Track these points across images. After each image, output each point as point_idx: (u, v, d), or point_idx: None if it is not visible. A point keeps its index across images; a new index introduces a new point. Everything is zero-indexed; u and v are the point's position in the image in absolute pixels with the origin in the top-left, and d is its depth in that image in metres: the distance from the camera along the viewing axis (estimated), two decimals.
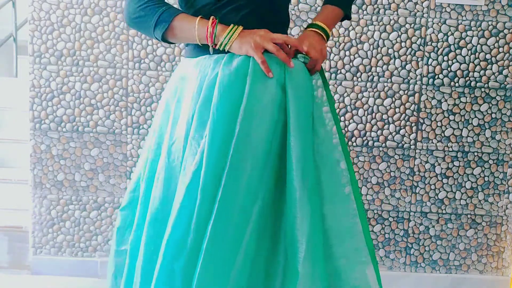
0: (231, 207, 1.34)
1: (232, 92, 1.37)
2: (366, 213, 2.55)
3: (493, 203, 2.55)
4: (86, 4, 2.46)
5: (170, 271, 1.36)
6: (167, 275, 1.36)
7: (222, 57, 1.41)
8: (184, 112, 1.43)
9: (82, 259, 2.61)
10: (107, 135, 2.53)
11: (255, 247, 1.38)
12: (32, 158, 2.55)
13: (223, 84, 1.38)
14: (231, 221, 1.34)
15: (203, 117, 1.38)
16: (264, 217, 1.38)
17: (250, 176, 1.35)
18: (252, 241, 1.37)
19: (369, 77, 2.48)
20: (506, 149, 2.52)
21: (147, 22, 1.44)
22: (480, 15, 2.43)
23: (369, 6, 2.44)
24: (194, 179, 1.35)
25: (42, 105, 2.51)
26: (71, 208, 2.58)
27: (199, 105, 1.39)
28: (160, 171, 1.45)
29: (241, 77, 1.38)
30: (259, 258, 1.39)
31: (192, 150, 1.37)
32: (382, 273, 1.57)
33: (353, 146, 2.52)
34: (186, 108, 1.43)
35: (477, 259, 2.59)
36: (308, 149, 1.40)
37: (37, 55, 2.49)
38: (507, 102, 2.49)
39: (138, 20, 1.47)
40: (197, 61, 1.47)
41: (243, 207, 1.36)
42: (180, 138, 1.42)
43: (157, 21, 1.43)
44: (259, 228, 1.38)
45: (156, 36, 1.45)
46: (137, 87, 2.50)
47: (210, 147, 1.35)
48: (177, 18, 1.43)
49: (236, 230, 1.35)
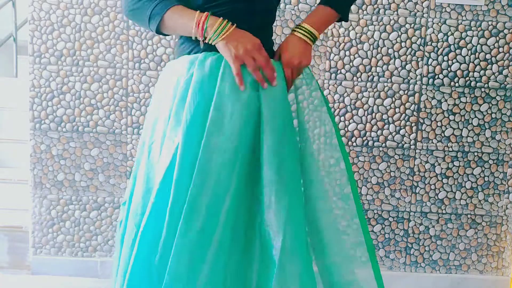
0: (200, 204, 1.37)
1: (204, 93, 1.39)
2: (366, 213, 2.55)
3: (493, 203, 2.55)
4: (86, 4, 2.46)
5: (146, 267, 1.39)
6: (143, 270, 1.39)
7: (197, 57, 1.42)
8: (163, 112, 1.45)
9: (82, 259, 2.61)
10: (107, 135, 2.53)
11: (229, 242, 1.40)
12: (32, 158, 2.55)
13: (197, 85, 1.39)
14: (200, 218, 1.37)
15: (178, 117, 1.40)
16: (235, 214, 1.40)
17: (219, 174, 1.37)
18: (225, 236, 1.39)
19: (369, 77, 2.48)
20: (506, 149, 2.52)
21: (142, 15, 1.45)
22: (480, 15, 2.43)
23: (369, 6, 2.44)
24: (167, 175, 1.38)
25: (42, 105, 2.51)
26: (71, 208, 2.58)
27: (175, 105, 1.41)
28: (141, 168, 1.48)
29: (214, 78, 1.40)
30: (234, 252, 1.42)
31: (167, 149, 1.40)
32: (382, 273, 1.57)
33: (353, 146, 2.51)
34: (165, 108, 1.45)
35: (477, 259, 2.59)
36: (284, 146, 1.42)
37: (37, 55, 2.49)
38: (507, 102, 2.49)
39: (133, 13, 1.47)
40: (177, 61, 1.49)
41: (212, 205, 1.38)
42: (158, 137, 1.45)
43: (151, 14, 1.43)
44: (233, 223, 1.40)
45: (151, 29, 1.45)
46: (137, 87, 2.50)
47: (184, 145, 1.37)
48: (170, 10, 1.42)
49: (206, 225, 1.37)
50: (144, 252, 1.39)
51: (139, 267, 1.40)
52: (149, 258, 1.38)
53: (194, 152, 1.37)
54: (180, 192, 1.36)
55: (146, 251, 1.39)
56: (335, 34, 2.46)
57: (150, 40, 2.47)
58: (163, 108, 1.45)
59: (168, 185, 1.37)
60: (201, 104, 1.38)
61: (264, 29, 1.53)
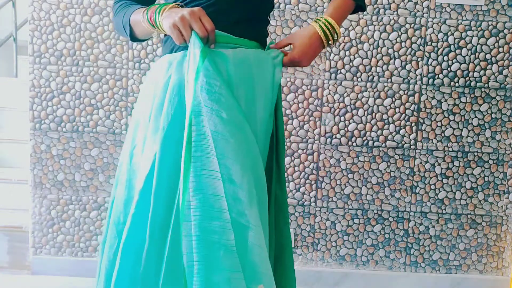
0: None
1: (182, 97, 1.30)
2: (366, 213, 2.56)
3: (493, 203, 2.55)
4: (86, 4, 2.46)
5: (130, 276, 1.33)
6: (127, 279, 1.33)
7: (175, 58, 1.35)
8: (144, 116, 1.39)
9: (82, 259, 2.61)
10: (107, 135, 2.53)
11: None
12: (32, 158, 2.55)
13: (174, 89, 1.32)
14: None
15: (157, 123, 1.33)
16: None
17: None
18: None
19: (369, 77, 2.48)
20: (506, 149, 2.52)
21: (120, 29, 1.44)
22: (480, 15, 2.43)
23: (369, 6, 2.44)
24: (146, 184, 1.31)
25: (42, 105, 2.51)
26: (71, 208, 2.58)
27: (154, 110, 1.34)
28: (123, 175, 1.41)
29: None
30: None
31: (146, 157, 1.33)
32: (382, 273, 1.57)
33: (353, 146, 2.52)
34: (145, 112, 1.39)
35: (477, 259, 2.59)
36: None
37: (37, 55, 2.49)
38: (507, 102, 2.49)
39: (117, 29, 1.47)
40: (158, 61, 1.42)
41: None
42: (140, 142, 1.38)
43: (123, 25, 1.42)
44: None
45: (131, 39, 1.44)
46: (137, 87, 2.50)
47: (161, 154, 1.30)
48: (133, 15, 1.39)
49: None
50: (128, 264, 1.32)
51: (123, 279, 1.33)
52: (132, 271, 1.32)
53: (173, 160, 1.29)
54: (161, 201, 1.29)
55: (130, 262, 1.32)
56: None
57: (150, 40, 2.47)
58: (144, 112, 1.38)
59: (148, 195, 1.30)
60: (179, 110, 1.30)
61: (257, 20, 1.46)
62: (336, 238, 2.58)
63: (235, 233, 1.23)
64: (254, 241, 1.24)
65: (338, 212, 2.56)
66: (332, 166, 2.53)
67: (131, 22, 1.40)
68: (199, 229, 1.22)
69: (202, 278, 1.22)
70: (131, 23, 1.40)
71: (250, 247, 1.24)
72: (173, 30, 1.27)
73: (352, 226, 2.57)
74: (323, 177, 2.54)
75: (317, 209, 2.56)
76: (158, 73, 1.37)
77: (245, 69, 1.35)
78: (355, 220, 2.56)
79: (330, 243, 2.58)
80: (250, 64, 1.36)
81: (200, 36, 1.26)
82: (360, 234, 2.57)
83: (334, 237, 2.58)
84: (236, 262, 1.22)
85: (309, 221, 2.57)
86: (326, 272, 2.58)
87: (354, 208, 2.56)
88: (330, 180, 2.54)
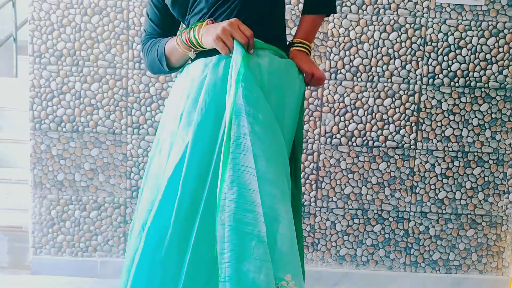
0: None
1: (217, 95, 1.42)
2: (366, 213, 2.56)
3: (493, 203, 2.55)
4: (86, 4, 2.46)
5: (150, 262, 1.40)
6: (148, 264, 1.40)
7: (210, 60, 1.46)
8: (176, 112, 1.49)
9: (82, 259, 2.61)
10: (107, 135, 2.53)
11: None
12: (32, 158, 2.55)
13: (209, 87, 1.43)
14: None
15: (190, 117, 1.43)
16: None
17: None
18: None
19: (369, 77, 2.48)
20: (506, 149, 2.52)
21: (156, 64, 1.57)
22: (480, 15, 2.43)
23: (369, 6, 2.44)
24: (176, 172, 1.40)
25: (42, 105, 2.51)
26: (71, 208, 2.58)
27: (188, 106, 1.45)
28: (153, 166, 1.52)
29: (227, 80, 1.42)
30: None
31: (178, 147, 1.43)
32: (382, 273, 1.57)
33: (353, 146, 2.52)
34: (178, 108, 1.49)
35: (477, 259, 2.59)
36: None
37: (37, 55, 2.49)
38: (507, 102, 2.49)
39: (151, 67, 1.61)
40: (193, 64, 1.52)
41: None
42: (170, 136, 1.48)
43: (159, 59, 1.54)
44: None
45: (168, 71, 1.57)
46: (137, 87, 2.50)
47: (193, 145, 1.40)
48: (165, 46, 1.53)
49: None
50: (150, 248, 1.40)
51: (144, 263, 1.41)
52: (154, 255, 1.39)
53: (203, 152, 1.39)
54: (189, 188, 1.38)
55: (152, 247, 1.40)
56: (335, 34, 2.46)
57: None
58: (177, 108, 1.49)
59: (176, 183, 1.39)
60: (213, 106, 1.41)
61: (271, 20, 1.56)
62: (336, 238, 2.58)
63: (267, 225, 1.32)
64: (284, 233, 1.34)
65: (338, 212, 2.56)
66: (332, 166, 2.53)
67: (166, 53, 1.53)
68: (233, 219, 1.32)
69: (233, 266, 1.31)
70: (166, 54, 1.53)
71: (280, 239, 1.34)
72: (218, 43, 1.39)
73: (352, 226, 2.57)
74: (323, 177, 2.54)
75: (317, 209, 2.56)
76: (194, 72, 1.48)
77: (278, 79, 1.47)
78: (355, 220, 2.56)
79: (330, 243, 2.58)
80: (281, 74, 1.49)
81: (242, 43, 1.39)
82: (360, 234, 2.57)
83: (334, 237, 2.58)
84: (266, 253, 1.32)
85: (309, 221, 2.57)
86: (326, 272, 2.58)
87: (354, 208, 2.56)
88: (330, 180, 2.54)
